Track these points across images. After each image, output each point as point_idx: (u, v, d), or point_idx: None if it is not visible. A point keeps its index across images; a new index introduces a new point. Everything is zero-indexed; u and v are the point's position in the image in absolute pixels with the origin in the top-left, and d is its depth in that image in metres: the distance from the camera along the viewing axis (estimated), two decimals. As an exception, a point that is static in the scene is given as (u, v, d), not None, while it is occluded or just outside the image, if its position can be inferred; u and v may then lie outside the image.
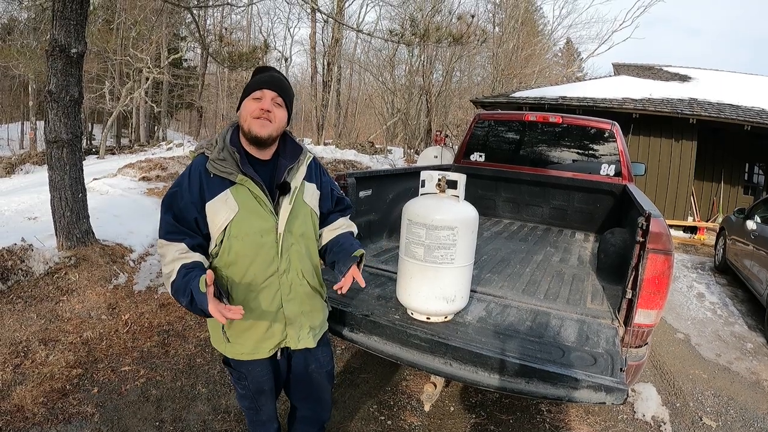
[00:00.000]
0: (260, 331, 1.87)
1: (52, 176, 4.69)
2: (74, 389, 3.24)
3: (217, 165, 1.74)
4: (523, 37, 24.48)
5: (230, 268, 1.80)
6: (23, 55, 17.63)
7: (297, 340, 1.96)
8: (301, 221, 1.90)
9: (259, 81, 1.80)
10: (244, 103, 1.80)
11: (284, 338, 1.93)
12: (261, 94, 1.77)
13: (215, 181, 1.75)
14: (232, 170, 1.74)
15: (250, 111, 1.77)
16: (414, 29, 7.76)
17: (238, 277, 1.80)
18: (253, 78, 1.83)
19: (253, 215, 1.77)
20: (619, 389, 1.95)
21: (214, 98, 31.48)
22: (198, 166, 1.77)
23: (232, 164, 1.75)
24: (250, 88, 1.80)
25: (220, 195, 1.74)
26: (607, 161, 4.94)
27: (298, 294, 1.91)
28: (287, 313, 1.90)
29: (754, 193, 11.74)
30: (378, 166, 14.27)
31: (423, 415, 3.20)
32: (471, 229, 2.34)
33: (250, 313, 1.82)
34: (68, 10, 4.43)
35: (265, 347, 1.91)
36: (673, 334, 5.01)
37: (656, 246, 2.31)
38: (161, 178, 9.27)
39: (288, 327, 1.92)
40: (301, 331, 1.96)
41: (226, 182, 1.75)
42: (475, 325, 2.46)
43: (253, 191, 1.77)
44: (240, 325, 1.85)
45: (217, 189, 1.74)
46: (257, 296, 1.83)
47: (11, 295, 4.13)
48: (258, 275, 1.81)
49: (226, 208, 1.74)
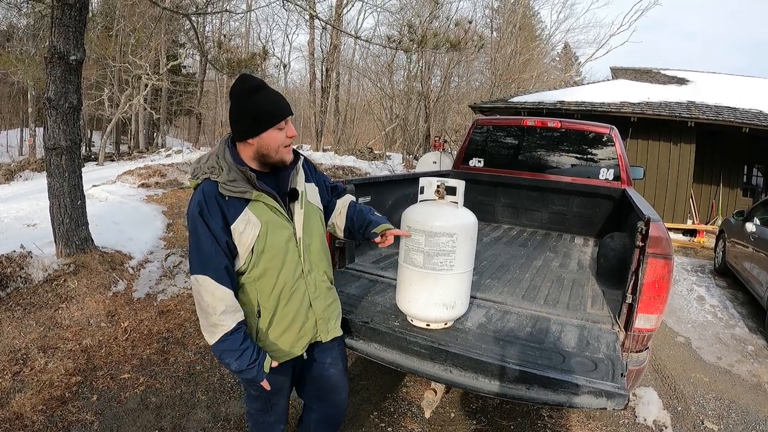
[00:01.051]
0: (294, 332, 1.94)
1: (51, 183, 4.69)
2: (73, 397, 3.23)
3: (229, 186, 1.74)
4: (520, 42, 24.56)
5: (259, 282, 1.83)
6: (22, 62, 17.67)
7: (327, 332, 2.06)
8: (313, 221, 1.99)
9: (281, 109, 1.78)
10: (270, 134, 1.77)
11: (315, 333, 2.02)
12: (285, 123, 1.80)
13: (232, 203, 1.75)
14: (245, 188, 1.75)
15: (281, 142, 1.80)
16: (412, 35, 7.77)
17: (269, 288, 1.84)
18: (262, 101, 1.77)
19: (276, 227, 1.82)
20: (620, 394, 1.95)
21: (213, 105, 31.57)
22: (211, 192, 1.74)
23: (244, 183, 1.76)
24: (274, 117, 1.77)
25: (241, 215, 1.76)
26: (605, 165, 4.94)
27: (322, 290, 2.01)
28: (316, 310, 1.99)
29: (753, 195, 11.75)
30: (377, 172, 14.29)
31: (423, 422, 3.19)
32: (470, 236, 2.34)
33: (283, 319, 1.90)
34: (67, 17, 4.44)
35: (299, 346, 1.98)
36: (673, 337, 5.00)
37: (656, 250, 2.31)
38: (160, 185, 9.27)
39: (318, 323, 2.01)
40: (329, 323, 2.07)
41: (242, 201, 1.77)
42: (475, 331, 2.45)
43: (268, 204, 1.80)
44: (274, 333, 1.90)
45: (236, 210, 1.75)
46: (289, 301, 1.89)
47: (10, 302, 4.12)
48: (288, 282, 1.87)
49: (251, 226, 1.77)
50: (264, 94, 1.77)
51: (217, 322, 1.73)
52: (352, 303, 2.70)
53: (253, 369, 1.78)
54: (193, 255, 1.75)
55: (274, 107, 1.77)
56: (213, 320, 1.73)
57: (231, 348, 1.75)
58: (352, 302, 2.71)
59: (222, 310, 1.72)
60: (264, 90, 1.78)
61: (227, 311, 1.73)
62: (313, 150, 19.32)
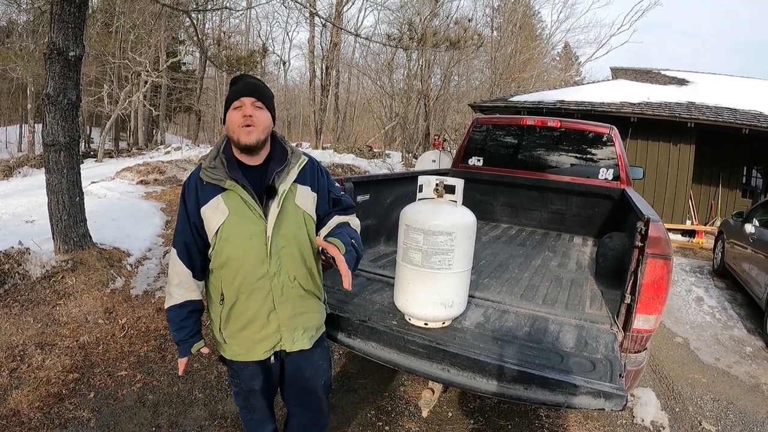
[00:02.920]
0: (254, 331, 1.91)
1: (49, 179, 4.68)
2: (71, 394, 3.23)
3: (209, 173, 1.85)
4: (521, 41, 24.50)
5: (223, 270, 1.87)
6: (21, 58, 17.64)
7: (292, 341, 1.97)
8: (292, 224, 1.89)
9: (234, 91, 1.85)
10: (228, 116, 1.85)
11: (279, 341, 1.94)
12: (240, 103, 1.83)
13: (208, 189, 1.85)
14: (221, 177, 1.83)
15: (235, 121, 1.82)
16: (412, 34, 7.76)
17: (230, 279, 1.87)
18: (230, 90, 1.89)
19: (243, 219, 1.83)
20: (619, 395, 1.94)
21: (212, 102, 31.48)
22: (194, 176, 1.90)
23: (222, 171, 1.84)
24: (229, 100, 1.86)
25: (211, 200, 1.84)
26: (605, 165, 4.94)
27: (290, 297, 1.92)
28: (280, 315, 1.91)
29: (752, 197, 11.73)
30: (376, 170, 14.28)
31: (421, 421, 3.18)
32: (469, 235, 2.33)
33: (243, 314, 1.89)
34: (66, 14, 4.43)
35: (259, 349, 1.93)
36: (672, 338, 5.00)
37: (655, 251, 2.30)
38: (159, 182, 9.27)
39: (282, 329, 1.93)
40: (295, 332, 1.97)
41: (218, 189, 1.84)
42: (473, 330, 2.44)
43: (242, 196, 1.82)
44: (234, 326, 1.91)
45: (209, 195, 1.84)
46: (249, 297, 1.87)
47: (8, 298, 4.11)
48: (248, 277, 1.85)
49: (218, 212, 1.83)
50: (237, 83, 1.88)
51: (171, 292, 1.93)
52: (349, 302, 2.69)
53: (183, 345, 1.96)
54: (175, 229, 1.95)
55: (234, 91, 1.86)
56: (169, 289, 1.94)
57: (174, 319, 1.94)
58: (349, 301, 2.70)
59: (176, 283, 1.91)
60: (240, 80, 1.90)
61: (180, 285, 1.91)
62: (312, 148, 19.30)
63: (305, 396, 2.14)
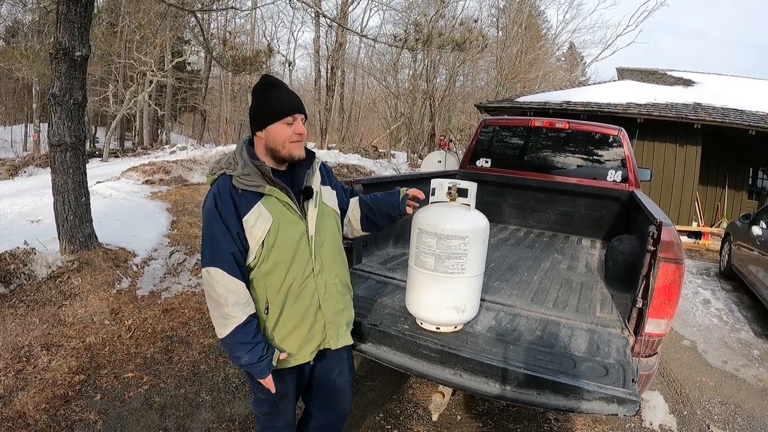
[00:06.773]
0: (303, 333, 1.92)
1: (55, 179, 4.68)
2: (77, 396, 3.22)
3: (244, 180, 1.78)
4: (526, 41, 24.42)
5: (269, 277, 1.84)
6: (27, 58, 17.63)
7: (336, 338, 2.03)
8: (327, 222, 1.99)
9: (289, 106, 1.83)
10: (276, 128, 1.82)
11: (324, 339, 1.99)
12: (293, 119, 1.83)
13: (245, 196, 1.79)
14: (259, 182, 1.79)
15: (287, 137, 1.83)
16: (417, 34, 7.74)
17: (278, 284, 1.85)
18: (271, 97, 1.83)
19: (287, 222, 1.83)
20: (632, 401, 1.93)
21: (217, 102, 31.54)
22: (225, 186, 1.79)
23: (259, 177, 1.80)
24: (280, 113, 1.82)
25: (253, 208, 1.78)
26: (613, 167, 4.91)
27: (333, 294, 1.98)
28: (325, 313, 1.96)
29: (758, 198, 11.68)
30: (381, 171, 14.27)
31: (430, 424, 3.16)
32: (482, 239, 2.31)
33: (291, 318, 1.88)
34: (72, 13, 4.42)
35: (306, 350, 1.95)
36: (679, 340, 4.97)
37: (668, 255, 2.29)
38: (165, 182, 9.26)
39: (327, 327, 1.98)
40: (339, 329, 2.03)
41: (256, 195, 1.80)
42: (485, 335, 2.42)
43: (281, 200, 1.82)
44: (282, 331, 1.89)
45: (248, 203, 1.79)
46: (297, 299, 1.88)
47: (13, 299, 4.11)
48: (296, 279, 1.87)
49: (262, 219, 1.79)
50: (276, 91, 1.85)
51: (229, 314, 1.74)
52: (360, 305, 2.67)
53: (263, 362, 1.79)
54: (205, 247, 1.78)
55: (281, 103, 1.83)
56: (225, 311, 1.74)
57: (243, 341, 1.76)
58: (360, 304, 2.68)
59: (233, 301, 1.74)
60: (277, 87, 1.86)
61: (238, 303, 1.75)
62: (317, 148, 19.26)
63: (331, 397, 2.15)
